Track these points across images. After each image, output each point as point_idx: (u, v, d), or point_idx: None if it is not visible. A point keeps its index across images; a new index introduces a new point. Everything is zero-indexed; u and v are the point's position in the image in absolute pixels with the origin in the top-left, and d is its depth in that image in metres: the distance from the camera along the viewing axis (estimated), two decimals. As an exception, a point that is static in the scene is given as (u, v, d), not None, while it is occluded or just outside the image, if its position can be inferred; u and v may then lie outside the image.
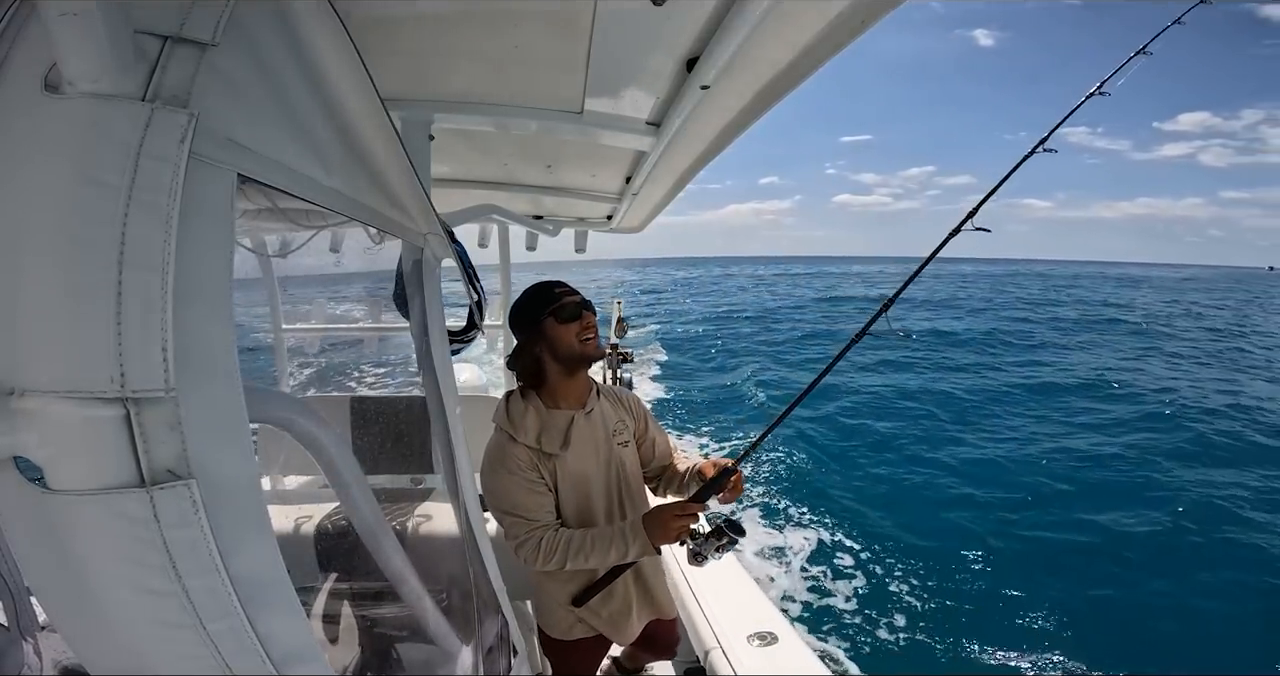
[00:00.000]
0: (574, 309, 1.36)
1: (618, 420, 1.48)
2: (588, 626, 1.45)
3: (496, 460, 1.33)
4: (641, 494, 1.51)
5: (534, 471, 1.33)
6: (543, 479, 1.34)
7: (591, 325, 1.38)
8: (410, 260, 0.90)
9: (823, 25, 0.85)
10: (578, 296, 1.40)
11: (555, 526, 1.33)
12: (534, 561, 1.29)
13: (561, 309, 1.36)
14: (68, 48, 0.30)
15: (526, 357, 1.38)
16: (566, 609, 1.43)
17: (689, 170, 1.74)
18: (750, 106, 1.18)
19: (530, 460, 1.33)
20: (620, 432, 1.46)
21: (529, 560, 1.30)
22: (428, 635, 0.97)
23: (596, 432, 1.42)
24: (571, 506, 1.38)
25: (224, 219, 0.36)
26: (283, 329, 2.50)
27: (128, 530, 0.32)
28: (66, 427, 0.31)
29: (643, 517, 1.31)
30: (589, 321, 1.37)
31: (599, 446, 1.42)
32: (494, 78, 1.16)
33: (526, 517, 1.30)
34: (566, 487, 1.37)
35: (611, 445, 1.44)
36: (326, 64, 0.50)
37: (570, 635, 1.44)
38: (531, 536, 1.30)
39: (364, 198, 0.63)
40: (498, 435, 1.37)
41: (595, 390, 1.47)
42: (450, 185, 2.03)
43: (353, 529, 0.82)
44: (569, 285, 1.41)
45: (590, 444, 1.41)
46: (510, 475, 1.31)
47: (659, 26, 0.89)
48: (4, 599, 0.78)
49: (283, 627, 0.38)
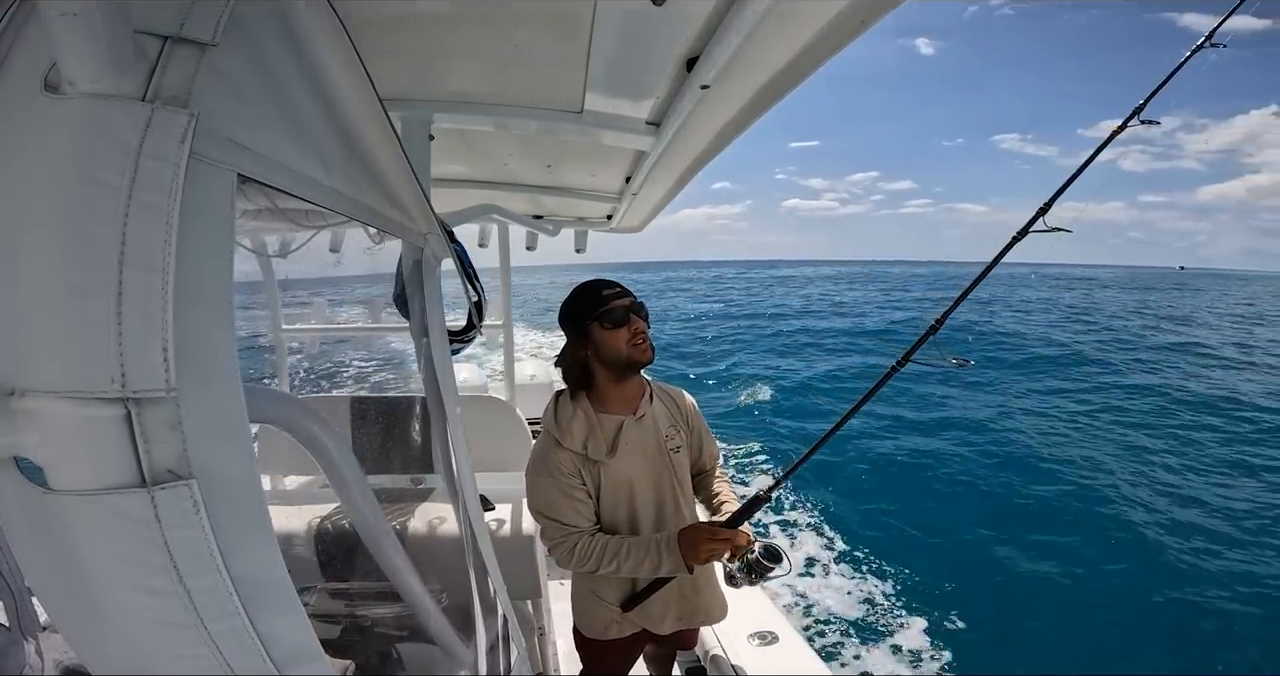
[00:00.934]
0: (621, 313, 1.29)
1: (670, 425, 1.42)
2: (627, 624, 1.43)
3: (540, 462, 1.33)
4: (691, 501, 1.47)
5: (576, 477, 1.32)
6: (584, 485, 1.33)
7: (641, 330, 1.30)
8: (410, 260, 0.90)
9: (823, 25, 0.85)
10: (627, 299, 1.31)
11: (592, 532, 1.33)
12: (567, 563, 1.31)
13: (608, 313, 1.29)
14: (68, 48, 0.30)
15: (572, 361, 1.34)
16: (609, 608, 1.41)
17: (689, 170, 1.75)
18: (750, 106, 1.18)
19: (574, 466, 1.32)
20: (673, 438, 1.41)
21: (561, 562, 1.32)
22: (428, 635, 0.97)
23: (647, 439, 1.37)
24: (616, 512, 1.36)
25: (224, 219, 0.36)
26: (283, 329, 2.50)
27: (128, 530, 0.32)
28: (67, 428, 0.31)
29: (679, 533, 1.28)
30: (638, 326, 1.30)
31: (649, 453, 1.37)
32: (494, 78, 1.16)
33: (562, 522, 1.30)
34: (611, 494, 1.35)
35: (663, 452, 1.39)
36: (326, 64, 0.50)
37: (607, 635, 1.43)
38: (566, 540, 1.30)
39: (364, 198, 0.63)
40: (544, 437, 1.35)
41: (648, 394, 1.41)
42: (450, 185, 2.03)
43: (353, 529, 0.82)
44: (620, 285, 1.34)
45: (639, 450, 1.36)
46: (550, 479, 1.31)
47: (659, 26, 0.89)
48: (5, 599, 0.78)
49: (284, 627, 0.38)
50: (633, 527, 1.37)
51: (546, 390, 4.87)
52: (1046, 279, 70.47)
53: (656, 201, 2.25)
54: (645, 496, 1.37)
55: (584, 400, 1.35)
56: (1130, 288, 52.00)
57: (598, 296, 1.31)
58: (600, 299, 1.30)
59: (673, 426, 1.43)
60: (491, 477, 1.92)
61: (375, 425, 1.97)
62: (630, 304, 1.31)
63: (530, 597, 1.76)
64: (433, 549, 1.48)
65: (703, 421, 1.52)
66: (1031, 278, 71.85)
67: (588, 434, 1.32)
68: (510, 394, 3.01)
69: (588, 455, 1.31)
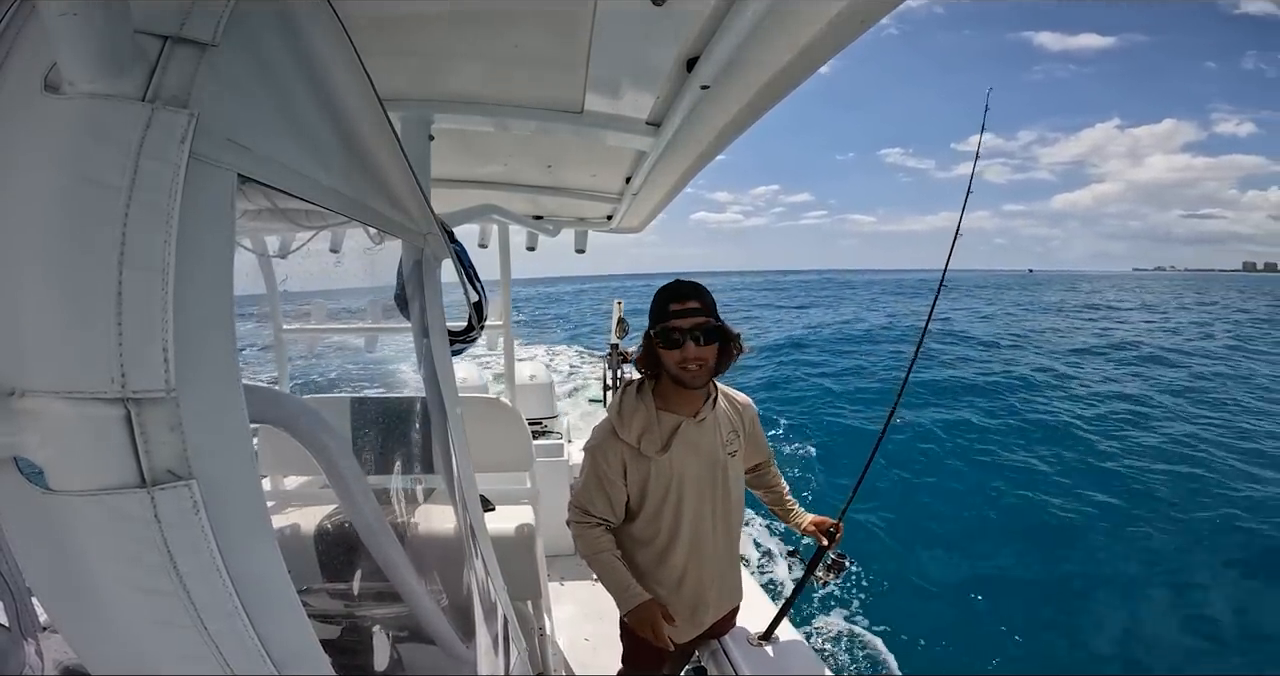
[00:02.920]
0: (676, 336, 1.28)
1: (731, 430, 1.45)
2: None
3: (595, 444, 1.41)
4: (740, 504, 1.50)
5: (620, 468, 1.38)
6: (624, 477, 1.39)
7: (693, 357, 1.29)
8: (410, 260, 0.90)
9: (823, 25, 0.85)
10: (688, 321, 1.28)
11: (606, 526, 1.42)
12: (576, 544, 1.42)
13: (664, 333, 1.30)
14: (68, 48, 0.30)
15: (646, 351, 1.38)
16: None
17: (689, 170, 1.74)
18: (750, 106, 1.18)
19: (621, 458, 1.38)
20: (732, 443, 1.44)
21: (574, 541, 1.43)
22: (428, 635, 0.97)
23: (707, 439, 1.40)
24: (662, 506, 1.40)
25: (224, 219, 0.36)
26: (283, 329, 2.50)
27: (128, 530, 0.32)
28: (67, 428, 0.31)
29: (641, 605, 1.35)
30: (690, 353, 1.29)
31: (704, 454, 1.40)
32: (494, 78, 1.16)
33: (585, 510, 1.41)
34: (658, 488, 1.39)
35: (720, 454, 1.42)
36: (326, 64, 0.50)
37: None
38: (583, 523, 1.41)
39: (364, 198, 0.63)
40: (605, 422, 1.42)
41: (713, 398, 1.43)
42: (450, 185, 2.03)
43: (353, 529, 0.82)
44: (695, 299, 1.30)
45: (694, 450, 1.39)
46: (595, 464, 1.40)
47: (659, 26, 0.89)
48: (5, 599, 0.78)
49: (284, 628, 0.38)
50: (675, 521, 1.41)
51: (547, 390, 4.87)
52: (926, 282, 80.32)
53: (656, 202, 2.25)
54: (692, 495, 1.41)
55: (648, 395, 1.39)
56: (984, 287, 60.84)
57: (663, 310, 1.31)
58: (663, 313, 1.31)
59: (733, 431, 1.46)
60: (491, 477, 1.93)
61: (375, 425, 1.96)
62: (691, 327, 1.28)
63: (530, 597, 1.76)
64: (433, 549, 1.48)
65: (759, 427, 1.57)
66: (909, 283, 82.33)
67: (644, 429, 1.36)
68: (510, 394, 3.01)
69: (640, 449, 1.36)
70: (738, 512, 1.49)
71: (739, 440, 1.47)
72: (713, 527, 1.45)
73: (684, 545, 1.43)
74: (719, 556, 1.48)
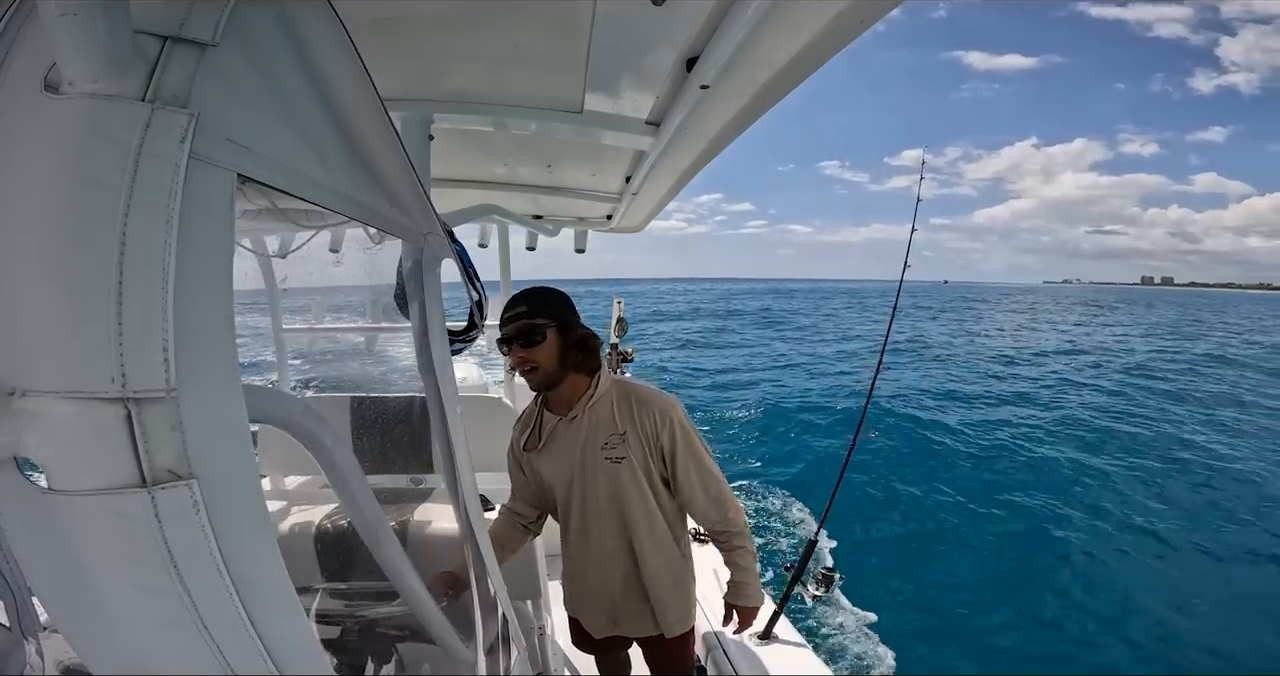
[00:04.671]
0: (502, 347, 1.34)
1: (612, 432, 1.34)
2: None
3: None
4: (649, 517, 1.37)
5: (515, 462, 1.50)
6: (520, 466, 1.49)
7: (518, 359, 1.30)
8: (410, 260, 0.89)
9: (823, 25, 0.85)
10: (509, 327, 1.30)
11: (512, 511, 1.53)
12: None
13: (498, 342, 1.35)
14: (67, 48, 0.30)
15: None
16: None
17: (689, 170, 1.74)
18: (750, 106, 1.18)
19: (515, 452, 1.49)
20: (614, 447, 1.34)
21: None
22: (428, 635, 0.97)
23: (574, 439, 1.36)
24: (552, 501, 1.47)
25: (224, 218, 0.36)
26: (283, 329, 2.50)
27: (128, 530, 0.32)
28: (67, 428, 0.31)
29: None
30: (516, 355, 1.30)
31: (572, 457, 1.37)
32: (494, 77, 1.15)
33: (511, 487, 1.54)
34: (544, 484, 1.46)
35: (588, 456, 1.35)
36: (326, 64, 0.50)
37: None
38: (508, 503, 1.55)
39: (364, 198, 0.63)
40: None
41: (589, 396, 1.35)
42: (450, 185, 2.03)
43: (353, 529, 0.82)
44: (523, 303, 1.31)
45: (562, 450, 1.39)
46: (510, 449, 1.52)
47: (659, 26, 0.89)
48: (5, 599, 0.78)
49: (284, 627, 0.38)
50: (564, 518, 1.45)
51: None
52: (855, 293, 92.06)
53: (656, 201, 2.25)
54: (566, 499, 1.41)
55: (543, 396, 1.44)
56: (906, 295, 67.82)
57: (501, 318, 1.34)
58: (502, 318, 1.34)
59: (617, 435, 1.34)
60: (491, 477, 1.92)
61: (375, 425, 1.97)
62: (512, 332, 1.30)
63: (530, 597, 1.75)
64: (433, 549, 1.48)
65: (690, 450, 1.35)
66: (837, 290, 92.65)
67: (525, 426, 1.46)
68: (510, 394, 3.01)
69: (523, 445, 1.45)
70: (648, 525, 1.37)
71: (626, 447, 1.33)
72: (605, 531, 1.38)
73: (575, 541, 1.44)
74: (623, 563, 1.40)
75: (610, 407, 1.36)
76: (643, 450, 1.34)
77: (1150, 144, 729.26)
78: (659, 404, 1.35)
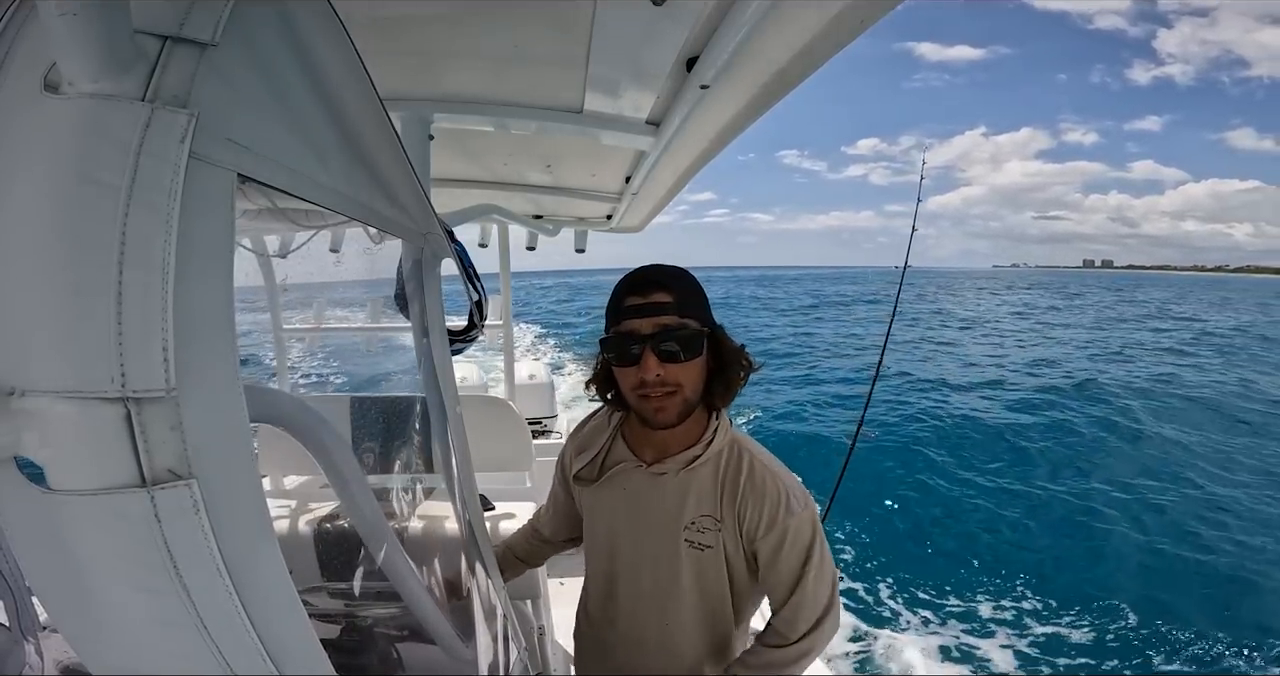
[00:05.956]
0: (633, 349, 0.88)
1: (706, 515, 0.96)
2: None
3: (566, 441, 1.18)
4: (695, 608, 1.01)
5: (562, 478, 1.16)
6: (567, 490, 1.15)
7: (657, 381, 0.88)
8: (410, 260, 0.90)
9: (823, 25, 0.85)
10: (649, 322, 0.87)
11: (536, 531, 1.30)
12: None
13: (612, 342, 0.91)
14: (67, 47, 0.30)
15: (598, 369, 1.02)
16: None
17: (689, 169, 1.75)
18: (750, 106, 1.18)
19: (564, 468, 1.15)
20: (704, 532, 0.96)
21: None
22: (428, 635, 0.97)
23: (652, 501, 0.99)
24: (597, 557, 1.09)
25: (224, 219, 0.36)
26: (283, 329, 2.50)
27: (128, 530, 0.32)
28: (67, 427, 0.31)
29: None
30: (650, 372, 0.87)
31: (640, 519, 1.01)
32: (494, 77, 1.16)
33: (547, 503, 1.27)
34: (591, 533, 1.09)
35: (663, 531, 0.99)
36: (326, 64, 0.50)
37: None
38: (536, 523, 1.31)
39: (364, 197, 0.63)
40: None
41: (698, 457, 0.96)
42: (450, 185, 2.03)
43: (353, 529, 0.82)
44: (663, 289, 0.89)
45: (630, 507, 1.02)
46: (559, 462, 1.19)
47: (659, 26, 0.89)
48: (5, 599, 0.78)
49: (284, 627, 0.38)
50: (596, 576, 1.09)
51: (546, 390, 4.86)
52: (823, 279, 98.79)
53: (656, 201, 2.25)
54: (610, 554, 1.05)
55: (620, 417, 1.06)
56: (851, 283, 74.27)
57: (617, 304, 0.91)
58: (618, 311, 0.90)
59: (711, 517, 0.96)
60: (491, 477, 1.92)
61: (375, 425, 1.97)
62: (655, 330, 0.87)
63: (530, 597, 1.76)
64: (433, 549, 1.48)
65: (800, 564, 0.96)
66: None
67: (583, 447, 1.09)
68: (510, 394, 3.01)
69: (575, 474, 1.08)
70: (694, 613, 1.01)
71: (719, 537, 0.96)
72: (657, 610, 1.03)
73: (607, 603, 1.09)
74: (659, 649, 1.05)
75: (715, 478, 0.97)
76: (737, 543, 0.97)
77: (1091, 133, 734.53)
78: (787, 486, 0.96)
